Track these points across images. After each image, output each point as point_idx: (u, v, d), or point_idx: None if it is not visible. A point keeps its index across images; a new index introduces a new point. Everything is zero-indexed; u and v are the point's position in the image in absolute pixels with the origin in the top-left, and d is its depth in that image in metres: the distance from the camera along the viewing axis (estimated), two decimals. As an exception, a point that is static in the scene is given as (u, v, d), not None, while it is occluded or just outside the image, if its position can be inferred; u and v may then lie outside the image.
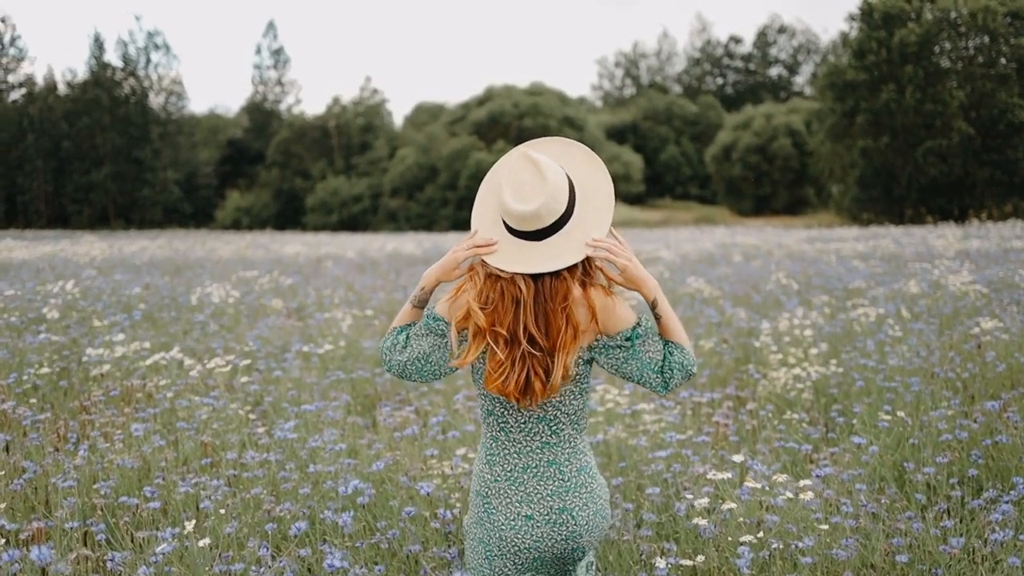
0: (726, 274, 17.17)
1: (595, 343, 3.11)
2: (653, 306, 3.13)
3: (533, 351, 3.02)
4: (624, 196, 74.51)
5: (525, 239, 3.02)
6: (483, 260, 3.10)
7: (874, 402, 7.21)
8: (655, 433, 6.35)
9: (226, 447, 5.96)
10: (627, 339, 3.08)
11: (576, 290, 3.04)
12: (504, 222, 3.06)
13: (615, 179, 71.66)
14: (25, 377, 7.93)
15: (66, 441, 6.33)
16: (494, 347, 3.03)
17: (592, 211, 3.08)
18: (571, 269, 3.06)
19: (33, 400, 7.27)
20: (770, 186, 72.77)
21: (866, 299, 12.19)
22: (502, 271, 3.04)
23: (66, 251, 26.00)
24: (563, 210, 3.02)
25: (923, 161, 53.10)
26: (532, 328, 3.01)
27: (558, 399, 3.10)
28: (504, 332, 3.02)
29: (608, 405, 6.60)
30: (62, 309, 10.86)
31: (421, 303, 3.30)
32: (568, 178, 3.08)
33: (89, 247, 28.36)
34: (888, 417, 6.22)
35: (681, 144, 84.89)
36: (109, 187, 74.68)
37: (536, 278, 3.03)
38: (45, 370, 7.73)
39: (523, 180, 2.98)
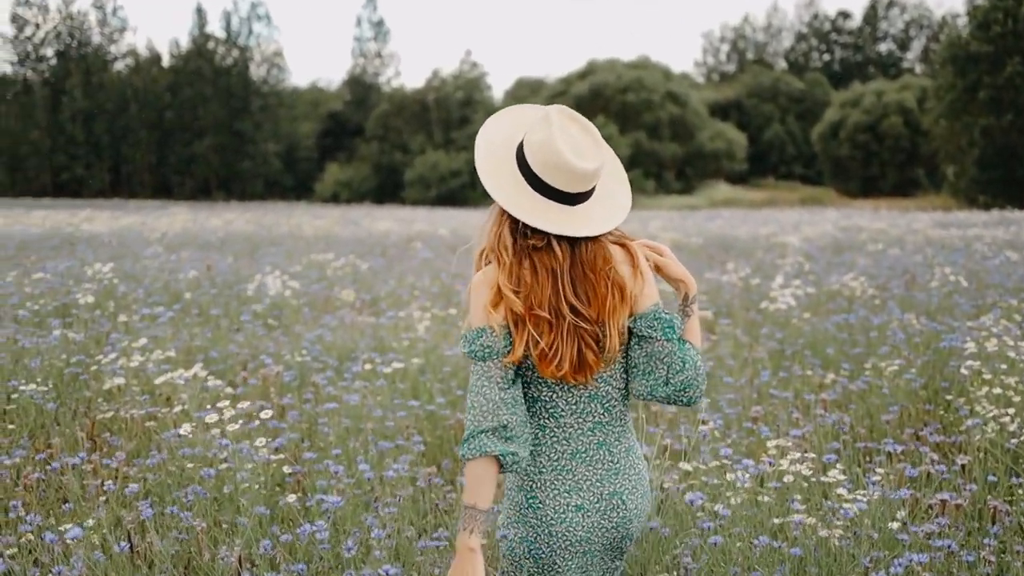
0: (867, 266, 15.10)
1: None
2: (692, 302, 3.02)
3: (580, 323, 2.83)
4: (727, 175, 73.51)
5: (562, 202, 2.84)
6: (512, 232, 2.85)
7: None
8: (858, 519, 4.39)
9: (230, 538, 4.17)
10: (664, 326, 2.87)
11: (615, 249, 2.91)
12: (541, 182, 2.84)
13: (717, 156, 70.72)
14: (15, 395, 6.20)
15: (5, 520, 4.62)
16: (536, 335, 2.80)
17: (609, 175, 2.99)
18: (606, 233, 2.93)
19: (12, 426, 5.65)
20: (879, 166, 70.18)
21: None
22: (538, 239, 2.83)
23: (147, 224, 24.71)
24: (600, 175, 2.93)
25: (1049, 140, 50.20)
26: (572, 299, 2.82)
27: (608, 374, 2.93)
28: (545, 313, 2.80)
29: (787, 477, 4.64)
30: (97, 296, 9.23)
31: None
32: None
33: (171, 220, 27.07)
34: None
35: (786, 122, 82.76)
36: (211, 159, 75.43)
37: (574, 244, 2.85)
38: (34, 385, 6.03)
39: (575, 136, 2.83)
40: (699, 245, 20.41)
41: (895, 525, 4.16)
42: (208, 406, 5.55)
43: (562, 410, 2.93)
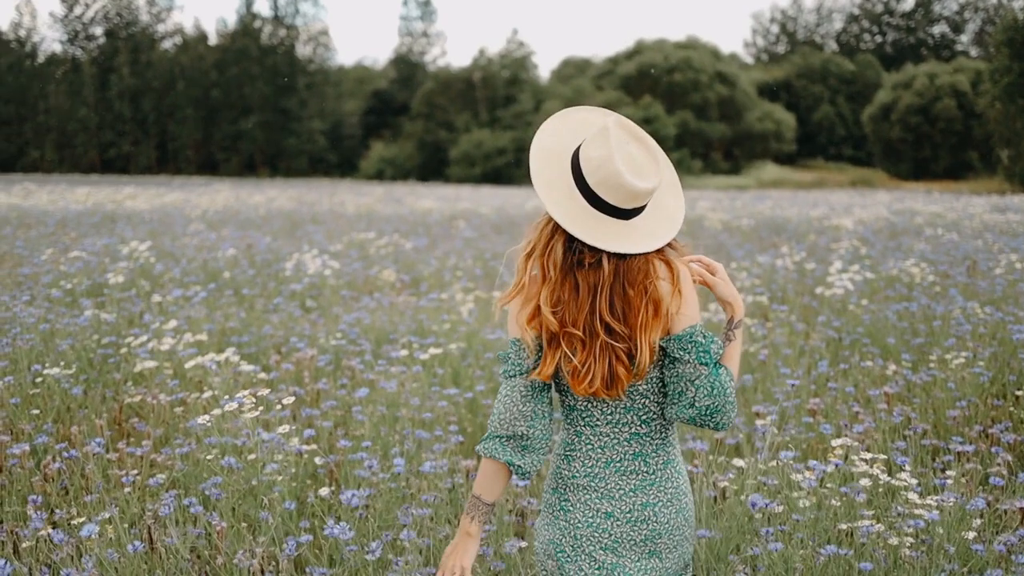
0: (925, 251, 14.60)
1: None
2: (737, 326, 2.91)
3: (612, 340, 2.75)
4: (775, 156, 73.04)
5: (616, 216, 2.75)
6: (565, 249, 2.77)
7: None
8: (930, 527, 4.04)
9: (253, 535, 3.89)
10: (699, 349, 2.75)
11: (660, 265, 2.79)
12: (597, 198, 2.75)
13: (765, 137, 70.22)
14: (39, 379, 5.96)
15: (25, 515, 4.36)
16: (570, 353, 2.77)
17: (666, 188, 2.90)
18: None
19: (36, 411, 5.41)
20: (931, 149, 69.20)
21: None
22: (591, 256, 2.75)
23: (189, 201, 24.55)
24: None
25: (1106, 124, 49.18)
26: (607, 317, 2.74)
27: (645, 386, 2.84)
28: (579, 332, 2.76)
29: (864, 480, 4.30)
30: (132, 275, 9.00)
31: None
32: None
33: (213, 197, 26.90)
34: None
35: (836, 103, 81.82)
36: (256, 136, 75.94)
37: (622, 258, 2.76)
38: (57, 370, 5.79)
39: (634, 155, 2.74)
40: (750, 227, 20.00)
41: (971, 535, 3.83)
42: (238, 393, 5.29)
43: (598, 420, 2.91)
